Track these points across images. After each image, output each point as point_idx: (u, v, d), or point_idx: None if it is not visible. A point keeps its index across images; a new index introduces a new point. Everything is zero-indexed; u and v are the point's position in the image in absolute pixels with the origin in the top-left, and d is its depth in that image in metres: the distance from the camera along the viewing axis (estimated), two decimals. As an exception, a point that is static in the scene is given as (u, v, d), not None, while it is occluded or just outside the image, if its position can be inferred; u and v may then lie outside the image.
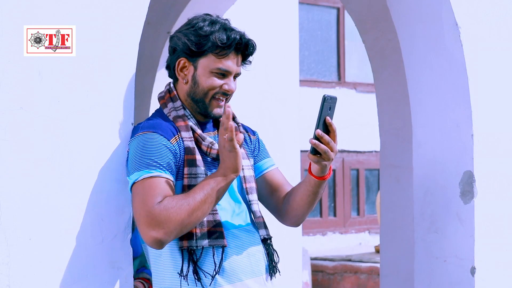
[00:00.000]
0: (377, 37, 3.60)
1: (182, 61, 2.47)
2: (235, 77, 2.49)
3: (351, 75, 11.80)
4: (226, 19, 2.49)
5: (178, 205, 2.28)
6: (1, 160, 2.21)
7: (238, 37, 2.43)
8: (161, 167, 2.33)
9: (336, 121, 2.42)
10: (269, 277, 2.52)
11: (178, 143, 2.40)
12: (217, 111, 2.48)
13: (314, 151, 2.40)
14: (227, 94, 2.47)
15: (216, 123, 2.58)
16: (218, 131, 2.55)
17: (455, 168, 3.12)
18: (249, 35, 2.48)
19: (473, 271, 3.05)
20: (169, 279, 2.40)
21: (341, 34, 11.71)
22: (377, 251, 9.12)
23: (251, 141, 2.64)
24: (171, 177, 2.35)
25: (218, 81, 2.45)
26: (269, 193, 2.63)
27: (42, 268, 2.27)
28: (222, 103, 2.48)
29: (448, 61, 3.14)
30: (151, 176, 2.31)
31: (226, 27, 2.44)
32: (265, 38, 6.10)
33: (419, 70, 3.26)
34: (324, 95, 2.36)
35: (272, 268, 2.53)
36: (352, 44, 11.61)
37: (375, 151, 11.53)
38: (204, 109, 2.47)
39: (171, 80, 2.56)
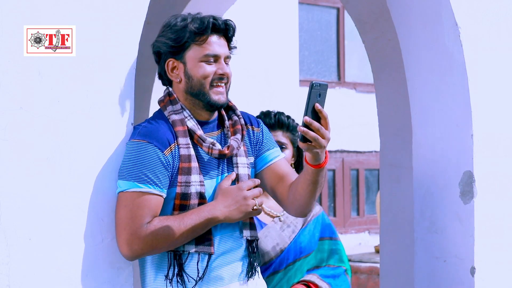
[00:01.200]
0: (377, 37, 3.60)
1: (170, 61, 2.47)
2: (226, 62, 2.48)
3: (351, 75, 11.79)
4: (198, 13, 2.50)
5: (165, 233, 2.33)
6: (1, 160, 2.21)
7: (211, 19, 2.44)
8: (151, 181, 2.34)
9: (336, 121, 2.40)
10: (252, 279, 2.52)
11: (172, 153, 2.39)
12: (219, 97, 2.46)
13: (304, 139, 2.33)
14: (223, 78, 2.46)
15: (221, 121, 2.56)
16: (222, 130, 2.54)
17: (455, 168, 3.12)
18: (249, 35, 2.48)
19: (473, 271, 3.04)
20: (154, 281, 2.42)
21: (341, 34, 11.71)
22: (377, 251, 9.11)
23: (253, 135, 2.61)
24: (160, 192, 2.36)
25: (210, 68, 2.44)
26: (275, 184, 2.58)
27: (42, 268, 2.27)
28: (222, 89, 2.46)
29: (448, 61, 3.13)
30: (140, 191, 2.33)
31: (198, 16, 2.45)
32: (265, 38, 6.11)
33: (419, 70, 3.26)
34: (311, 82, 2.30)
35: (250, 270, 2.52)
36: (352, 44, 11.61)
37: (375, 151, 11.52)
38: (206, 100, 2.45)
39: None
